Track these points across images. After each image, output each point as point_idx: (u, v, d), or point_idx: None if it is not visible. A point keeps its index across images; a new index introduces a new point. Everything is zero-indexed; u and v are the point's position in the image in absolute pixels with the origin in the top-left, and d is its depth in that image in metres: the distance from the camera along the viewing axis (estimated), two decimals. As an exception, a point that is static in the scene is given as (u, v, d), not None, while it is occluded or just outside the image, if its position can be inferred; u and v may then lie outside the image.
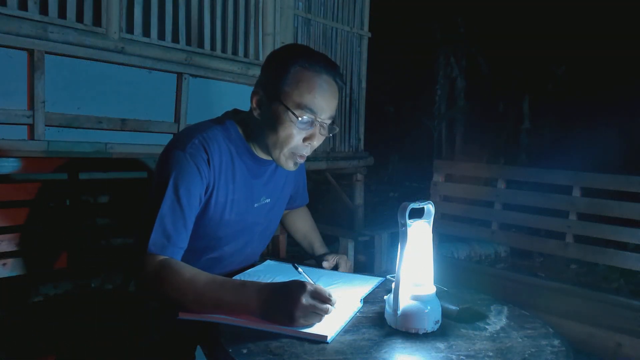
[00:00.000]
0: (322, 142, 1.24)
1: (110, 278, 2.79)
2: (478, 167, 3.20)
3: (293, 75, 1.13)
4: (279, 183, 1.38)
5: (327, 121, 1.19)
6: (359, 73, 3.78)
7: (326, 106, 1.16)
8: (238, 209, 1.25)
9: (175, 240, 1.08)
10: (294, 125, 1.15)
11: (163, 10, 2.47)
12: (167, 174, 1.11)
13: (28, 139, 2.05)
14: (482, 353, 0.90)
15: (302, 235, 1.64)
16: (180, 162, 1.11)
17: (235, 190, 1.23)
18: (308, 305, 0.94)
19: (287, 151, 1.18)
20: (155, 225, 1.07)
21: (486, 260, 4.35)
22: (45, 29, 2.02)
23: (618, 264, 2.33)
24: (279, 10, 3.05)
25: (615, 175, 2.38)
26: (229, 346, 0.88)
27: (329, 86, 1.16)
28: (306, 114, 1.14)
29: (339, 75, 1.19)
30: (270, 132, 1.17)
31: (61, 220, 1.63)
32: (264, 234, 1.41)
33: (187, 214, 1.11)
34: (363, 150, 3.85)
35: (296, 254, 3.07)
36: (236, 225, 1.26)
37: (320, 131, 1.18)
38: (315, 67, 1.14)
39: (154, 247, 1.05)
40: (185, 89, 2.55)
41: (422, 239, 1.00)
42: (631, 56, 6.71)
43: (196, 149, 1.14)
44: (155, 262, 1.04)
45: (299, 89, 1.13)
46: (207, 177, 1.15)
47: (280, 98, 1.14)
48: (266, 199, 1.33)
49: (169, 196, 1.09)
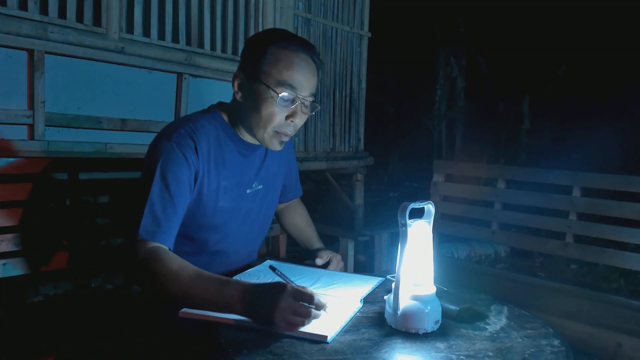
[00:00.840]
0: (322, 141, 1.24)
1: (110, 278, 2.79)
2: (478, 167, 3.20)
3: (271, 54, 1.16)
4: (270, 170, 1.39)
5: (309, 98, 1.21)
6: (359, 73, 3.77)
7: (306, 83, 1.18)
8: (231, 195, 1.26)
9: (165, 227, 1.09)
10: (275, 103, 1.17)
11: (163, 10, 2.47)
12: (154, 163, 1.13)
13: (28, 139, 2.05)
14: (482, 353, 0.90)
15: (297, 230, 1.64)
16: (167, 151, 1.14)
17: (226, 176, 1.25)
18: (288, 307, 0.92)
19: (271, 130, 1.20)
20: (145, 211, 1.08)
21: (486, 260, 4.35)
22: (45, 29, 2.02)
23: (618, 264, 2.34)
24: (279, 10, 3.04)
25: (615, 175, 2.38)
26: (229, 346, 0.88)
27: (307, 64, 1.18)
28: (287, 90, 1.16)
29: (316, 54, 1.21)
30: (253, 112, 1.20)
31: (61, 220, 1.63)
32: (262, 224, 1.41)
33: (177, 201, 1.12)
34: (363, 150, 3.85)
35: (296, 254, 3.08)
36: (231, 212, 1.28)
37: (302, 109, 1.21)
38: (292, 46, 1.17)
39: (144, 233, 1.07)
40: (185, 89, 2.55)
41: (422, 239, 1.00)
42: (631, 56, 6.71)
43: (182, 138, 1.16)
44: (145, 249, 1.06)
45: (277, 67, 1.16)
46: (195, 164, 1.17)
47: (260, 77, 1.17)
48: (258, 185, 1.35)
49: (157, 184, 1.11)
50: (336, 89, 3.62)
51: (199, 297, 1.00)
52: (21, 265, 1.52)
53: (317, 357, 0.86)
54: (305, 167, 3.15)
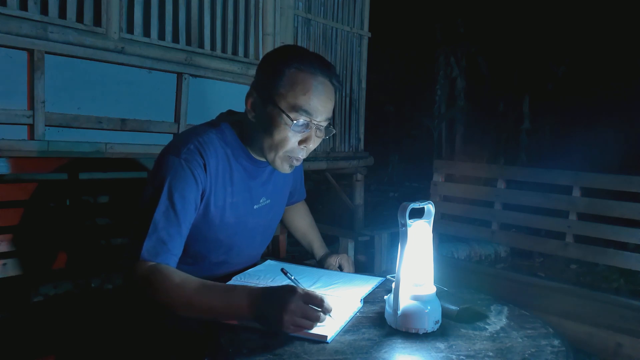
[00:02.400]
0: (322, 141, 1.24)
1: (110, 278, 2.79)
2: (478, 167, 3.19)
3: (288, 77, 1.11)
4: (278, 183, 1.37)
5: (323, 123, 1.17)
6: (359, 73, 3.78)
7: (322, 108, 1.14)
8: (237, 211, 1.24)
9: (170, 247, 1.06)
10: (289, 129, 1.13)
11: (163, 10, 2.47)
12: (161, 179, 1.09)
13: (28, 139, 2.05)
14: (482, 353, 0.90)
15: (301, 233, 1.64)
16: (175, 167, 1.10)
17: (233, 193, 1.22)
18: (297, 310, 0.91)
19: (283, 154, 1.17)
20: (149, 231, 1.04)
21: (486, 260, 4.35)
22: (45, 29, 2.02)
23: (618, 264, 2.33)
24: (279, 10, 3.04)
25: (615, 175, 2.37)
26: (229, 346, 0.88)
27: (324, 87, 1.14)
28: (301, 116, 1.12)
29: (335, 76, 1.17)
30: (265, 135, 1.15)
31: (61, 220, 1.63)
32: (265, 234, 1.41)
33: (182, 221, 1.09)
34: (363, 150, 3.85)
35: (296, 254, 3.08)
36: (236, 227, 1.25)
37: (316, 134, 1.17)
38: (310, 68, 1.12)
39: (147, 254, 1.03)
40: (185, 89, 2.55)
41: (422, 239, 1.00)
42: (631, 56, 6.70)
43: (191, 154, 1.12)
44: (146, 267, 1.02)
45: (294, 91, 1.11)
46: (203, 182, 1.14)
47: (274, 101, 1.12)
48: (266, 200, 1.33)
49: (163, 202, 1.07)
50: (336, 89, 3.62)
51: (206, 307, 0.98)
52: (21, 265, 1.52)
53: (317, 357, 0.86)
54: (305, 167, 3.14)
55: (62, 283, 2.68)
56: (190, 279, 1.02)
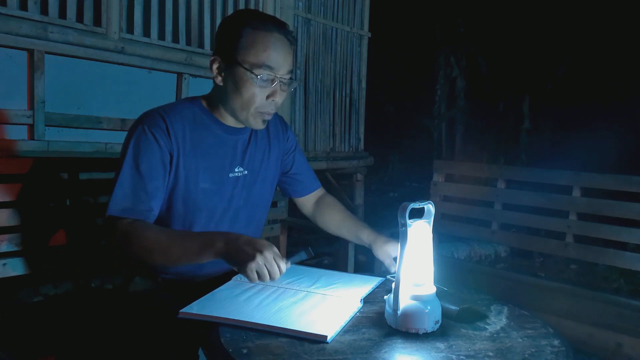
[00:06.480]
0: (322, 141, 1.26)
1: (110, 278, 2.79)
2: (478, 167, 3.19)
3: (247, 37, 1.19)
4: (256, 157, 1.38)
5: (286, 76, 1.24)
6: (359, 73, 3.78)
7: (283, 61, 1.21)
8: (212, 177, 1.29)
9: (135, 203, 1.15)
10: (256, 84, 1.20)
11: (163, 10, 2.47)
12: (125, 147, 1.20)
13: (28, 139, 2.05)
14: (482, 353, 0.90)
15: (336, 225, 1.59)
16: (138, 134, 1.19)
17: (205, 158, 1.27)
18: (269, 259, 1.01)
19: (254, 110, 1.24)
20: (115, 190, 1.16)
21: (486, 260, 4.35)
22: (45, 29, 2.02)
23: (618, 264, 2.33)
24: (279, 10, 3.05)
25: (615, 175, 2.37)
26: (229, 346, 0.88)
27: (282, 43, 1.22)
28: (265, 71, 1.20)
29: (289, 33, 1.25)
30: (234, 95, 1.23)
31: (61, 220, 1.63)
32: (252, 213, 1.39)
33: (147, 181, 1.17)
34: (363, 150, 3.85)
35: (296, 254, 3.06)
36: (215, 194, 1.29)
37: (281, 87, 1.24)
38: (266, 27, 1.20)
39: (113, 210, 1.14)
40: (185, 89, 2.55)
41: (422, 239, 1.00)
42: (631, 57, 6.70)
43: (153, 120, 1.21)
44: (121, 225, 1.12)
45: (254, 49, 1.19)
46: (168, 145, 1.21)
47: (238, 61, 1.20)
48: (243, 171, 1.34)
49: (128, 164, 1.17)
50: (336, 89, 3.63)
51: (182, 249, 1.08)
52: (21, 265, 1.52)
53: (317, 357, 0.86)
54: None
55: (62, 283, 2.68)
56: (165, 230, 1.16)
